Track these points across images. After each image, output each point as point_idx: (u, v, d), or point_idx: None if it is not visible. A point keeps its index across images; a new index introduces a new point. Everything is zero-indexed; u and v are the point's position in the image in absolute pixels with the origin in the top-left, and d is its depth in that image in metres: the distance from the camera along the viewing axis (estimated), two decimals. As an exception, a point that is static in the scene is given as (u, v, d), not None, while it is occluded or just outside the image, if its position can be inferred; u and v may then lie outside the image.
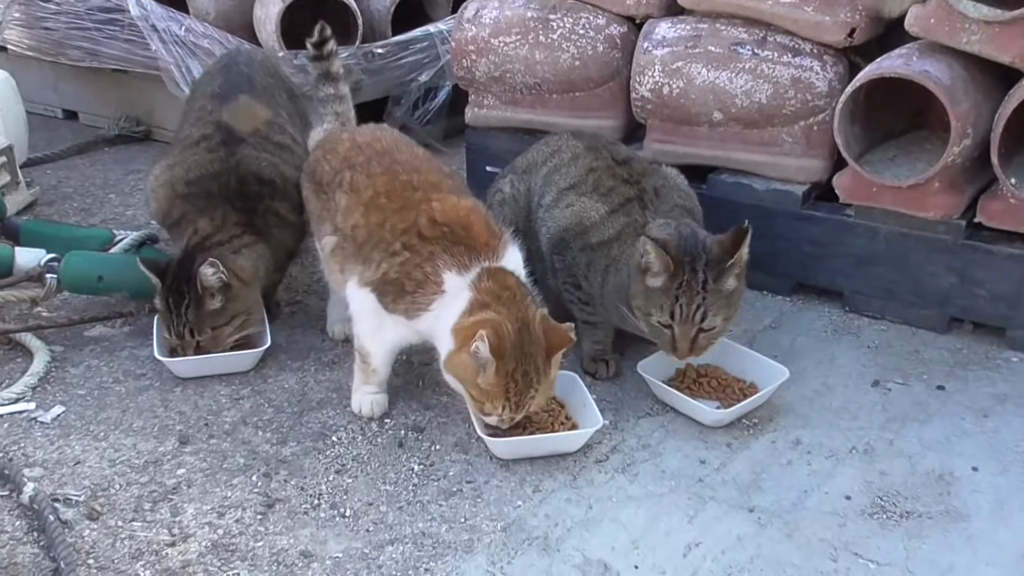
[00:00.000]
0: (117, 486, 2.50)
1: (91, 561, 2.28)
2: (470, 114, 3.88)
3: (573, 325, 2.51)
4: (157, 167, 3.20)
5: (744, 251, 2.63)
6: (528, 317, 2.44)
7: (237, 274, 2.89)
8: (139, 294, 3.16)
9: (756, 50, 3.23)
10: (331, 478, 2.53)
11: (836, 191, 3.20)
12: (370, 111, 4.01)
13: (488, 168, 3.78)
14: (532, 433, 2.62)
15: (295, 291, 3.48)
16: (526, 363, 2.42)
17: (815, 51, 3.20)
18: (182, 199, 3.05)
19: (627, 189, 2.89)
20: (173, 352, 2.95)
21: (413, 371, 2.98)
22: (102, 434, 2.70)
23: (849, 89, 3.00)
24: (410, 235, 2.54)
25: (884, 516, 2.40)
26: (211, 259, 2.81)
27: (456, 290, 2.46)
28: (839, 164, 3.22)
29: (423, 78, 4.53)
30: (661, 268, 2.59)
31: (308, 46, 3.20)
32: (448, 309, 2.46)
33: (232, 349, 2.98)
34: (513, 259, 2.55)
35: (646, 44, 3.39)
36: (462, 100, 3.97)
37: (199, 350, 2.92)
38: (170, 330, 2.89)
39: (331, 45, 3.20)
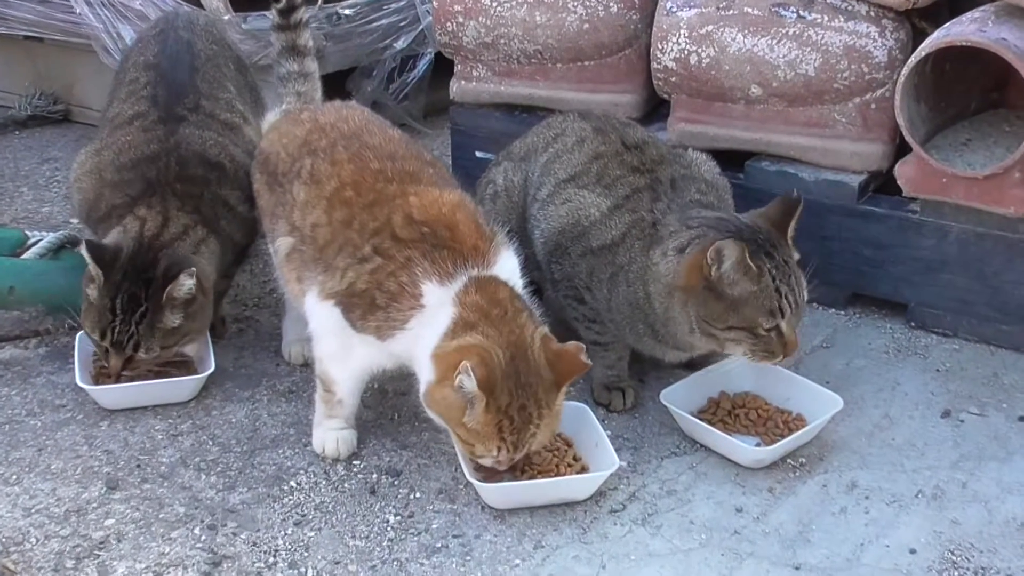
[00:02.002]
0: (33, 540, 2.51)
1: (0, 632, 2.30)
2: (456, 88, 3.90)
3: (584, 347, 2.51)
4: (82, 153, 3.23)
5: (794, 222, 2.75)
6: (524, 339, 2.44)
7: (202, 283, 2.91)
8: (58, 308, 3.18)
9: (802, 12, 3.26)
10: (289, 531, 2.55)
11: (898, 182, 3.22)
12: (335, 85, 4.03)
13: (478, 154, 3.80)
14: (533, 477, 2.63)
15: (243, 304, 3.50)
16: (523, 396, 2.42)
17: (872, 14, 3.23)
18: (112, 188, 3.08)
19: (636, 179, 2.91)
20: (99, 379, 2.98)
21: (387, 402, 3.01)
22: (14, 477, 2.72)
23: (913, 60, 3.03)
24: (382, 237, 2.55)
25: (956, 573, 2.42)
26: (192, 268, 2.83)
27: (437, 304, 2.48)
28: (902, 150, 3.25)
29: (399, 44, 4.56)
30: (744, 276, 2.61)
31: (273, 13, 3.24)
32: (428, 327, 2.48)
33: (168, 374, 3.00)
34: (507, 266, 2.57)
35: (670, 4, 3.42)
36: (446, 71, 4.00)
37: (129, 364, 2.92)
38: (105, 334, 2.88)
39: (301, 13, 3.23)
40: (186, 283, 2.83)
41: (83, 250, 2.86)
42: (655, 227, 2.80)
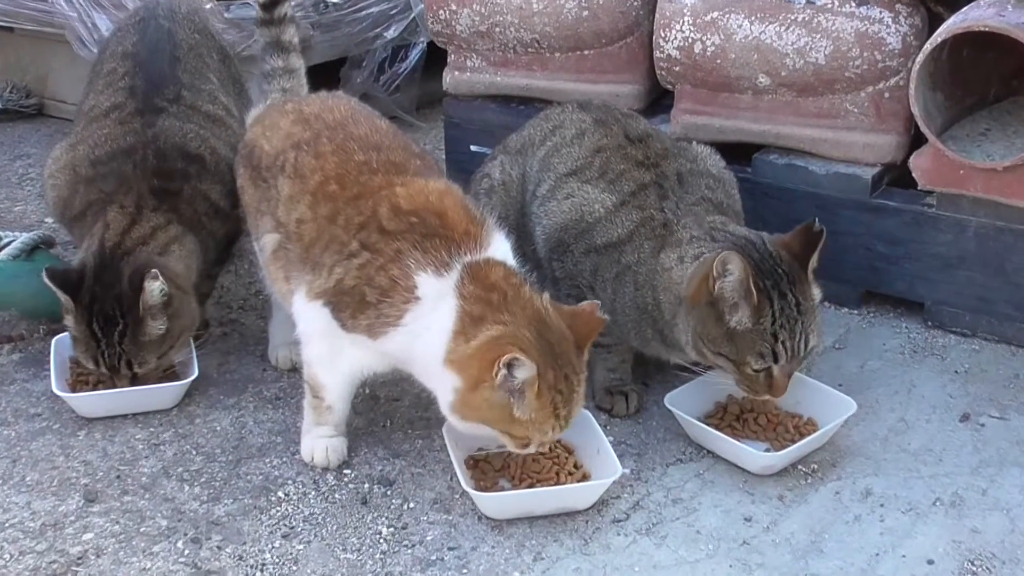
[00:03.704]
0: (8, 555, 2.51)
1: (-26, 652, 2.31)
2: (449, 79, 3.91)
3: (598, 303, 2.54)
4: (57, 148, 3.24)
5: (816, 255, 2.68)
6: (539, 310, 2.47)
7: (175, 281, 2.91)
8: (32, 312, 3.19)
9: (811, -3, 3.28)
10: (277, 544, 2.55)
11: (913, 175, 3.23)
12: (323, 76, 4.03)
13: (473, 148, 3.81)
14: (532, 485, 2.64)
15: (228, 307, 3.51)
16: (563, 365, 2.45)
17: (885, -2, 3.24)
18: (87, 184, 3.09)
19: (641, 174, 2.93)
20: (76, 386, 2.99)
21: (379, 408, 3.02)
22: (-14, 491, 2.73)
23: (929, 46, 3.03)
24: (369, 230, 2.57)
25: (977, 586, 2.44)
26: (153, 269, 2.82)
27: (436, 296, 2.48)
28: (917, 141, 3.26)
29: (390, 34, 4.57)
30: (744, 300, 2.60)
31: (256, 8, 3.25)
32: (426, 321, 2.48)
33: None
34: (500, 248, 2.58)
35: (672, -10, 3.43)
36: (439, 62, 4.00)
37: (135, 382, 2.94)
38: (99, 361, 2.90)
39: (285, 7, 3.25)
40: (154, 286, 2.82)
41: (45, 279, 2.86)
42: (666, 227, 2.81)
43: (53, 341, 3.07)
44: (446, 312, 2.46)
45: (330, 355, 2.68)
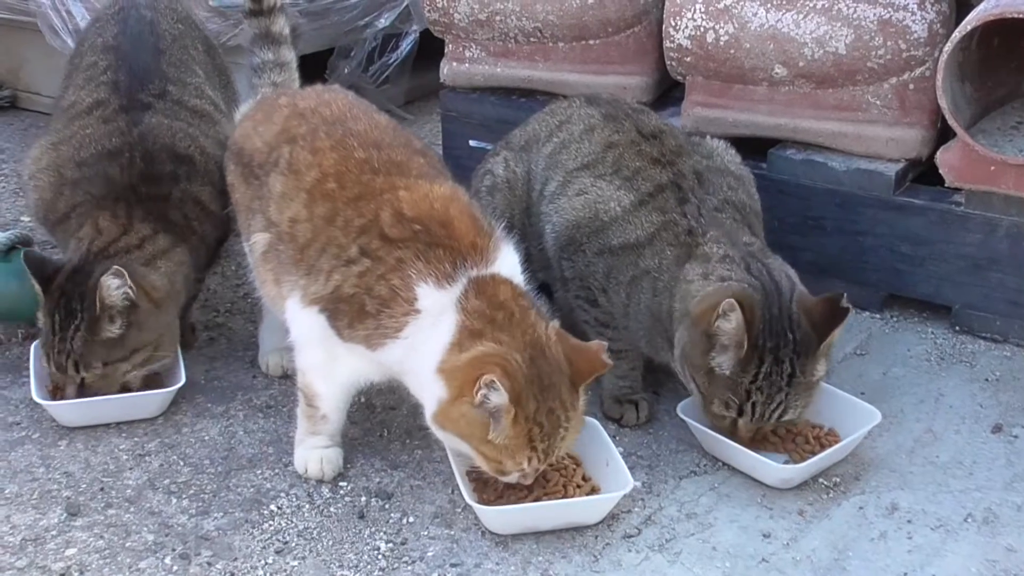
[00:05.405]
0: (-16, 573, 2.53)
1: (-49, 675, 2.32)
2: (447, 70, 3.92)
3: (605, 345, 2.55)
4: (36, 147, 3.24)
5: (838, 332, 2.66)
6: (539, 337, 2.47)
7: (148, 293, 2.92)
8: (9, 316, 3.19)
9: (831, -17, 3.29)
10: (269, 560, 2.56)
11: (940, 171, 3.24)
12: (310, 67, 4.05)
13: (473, 143, 3.82)
14: (538, 499, 2.64)
15: (215, 310, 3.52)
16: (550, 399, 2.45)
17: (910, -16, 3.26)
18: (72, 186, 3.09)
19: (659, 172, 2.93)
20: (57, 393, 2.99)
21: (375, 417, 3.03)
22: (-38, 504, 2.73)
23: (957, 35, 3.04)
24: (370, 236, 2.57)
25: (1010, 606, 2.45)
26: (117, 267, 2.83)
27: (437, 309, 2.49)
28: (944, 135, 3.27)
29: (382, 22, 4.57)
30: (734, 347, 2.62)
31: None
32: (426, 335, 2.49)
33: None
34: (508, 262, 2.58)
35: (684, -24, 3.45)
36: (434, 52, 4.01)
37: (83, 390, 2.95)
38: (49, 358, 2.91)
39: None
40: (112, 283, 2.83)
41: (23, 260, 2.88)
42: (691, 235, 2.81)
43: (32, 346, 3.07)
44: (446, 326, 2.47)
45: (326, 363, 2.69)
